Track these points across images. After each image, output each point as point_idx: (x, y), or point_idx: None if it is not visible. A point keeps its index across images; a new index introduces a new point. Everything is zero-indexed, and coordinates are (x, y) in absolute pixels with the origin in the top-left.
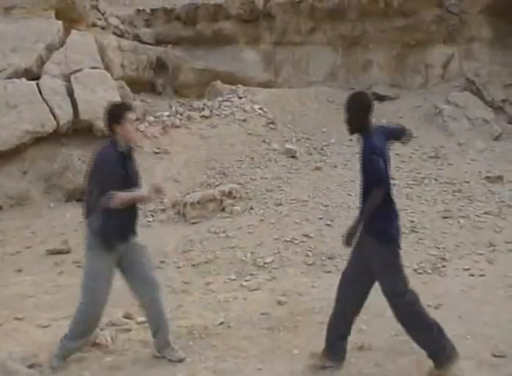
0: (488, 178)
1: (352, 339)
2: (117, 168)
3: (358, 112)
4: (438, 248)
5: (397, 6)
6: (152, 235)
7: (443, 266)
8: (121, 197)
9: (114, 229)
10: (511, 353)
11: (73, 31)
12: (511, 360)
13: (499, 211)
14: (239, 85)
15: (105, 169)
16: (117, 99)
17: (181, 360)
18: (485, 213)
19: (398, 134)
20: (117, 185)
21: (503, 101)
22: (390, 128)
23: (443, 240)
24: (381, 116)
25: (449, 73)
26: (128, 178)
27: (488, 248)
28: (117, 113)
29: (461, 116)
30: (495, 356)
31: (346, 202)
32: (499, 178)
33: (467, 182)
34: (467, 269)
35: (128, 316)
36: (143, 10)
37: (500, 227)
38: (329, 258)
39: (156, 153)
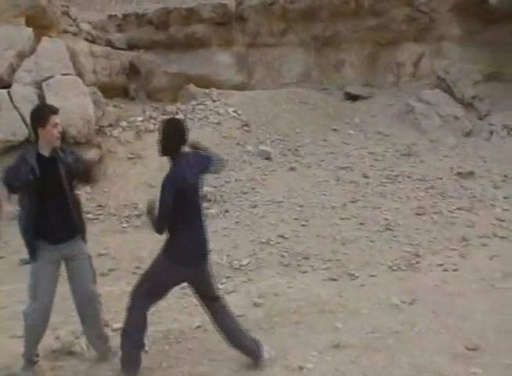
0: (460, 174)
1: (328, 338)
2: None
3: (167, 137)
4: (412, 245)
5: (368, 6)
6: (127, 241)
7: (417, 262)
8: None
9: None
10: (484, 346)
11: (44, 38)
12: (484, 352)
13: (471, 206)
14: (213, 88)
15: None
16: (90, 105)
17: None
18: (458, 209)
19: (208, 166)
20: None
21: (473, 98)
22: (203, 161)
23: (417, 237)
24: (354, 115)
25: (420, 71)
26: (41, 181)
27: (461, 243)
28: (40, 115)
29: (432, 113)
30: (469, 348)
31: (321, 202)
32: (471, 173)
33: (440, 178)
34: (441, 265)
35: (103, 324)
36: (115, 15)
37: (473, 222)
38: (305, 258)
39: (130, 158)
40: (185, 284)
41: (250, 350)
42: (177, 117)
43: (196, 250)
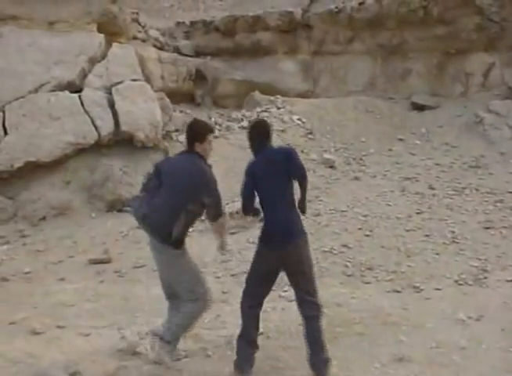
0: None
1: (392, 350)
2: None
3: (249, 135)
4: (480, 259)
5: (436, 14)
6: (191, 245)
7: (485, 277)
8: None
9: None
10: None
11: (115, 44)
12: None
13: None
14: (278, 96)
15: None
16: (158, 110)
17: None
18: None
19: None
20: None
21: None
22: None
23: (484, 251)
24: (421, 125)
25: (490, 81)
26: None
27: None
28: (200, 131)
29: (502, 125)
30: None
31: (385, 212)
32: None
33: (509, 192)
34: (510, 281)
35: None
36: (183, 22)
37: None
38: (369, 268)
39: None
40: None
41: (313, 366)
42: (260, 119)
43: (278, 233)
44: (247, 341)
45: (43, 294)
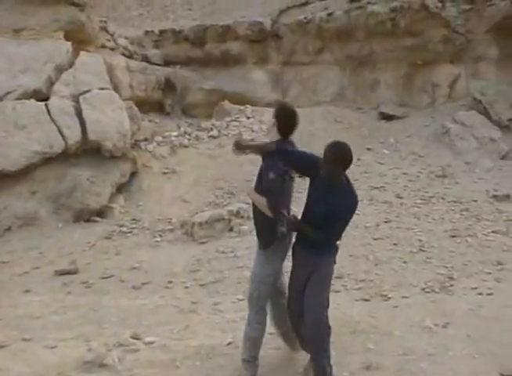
0: (495, 196)
1: (360, 359)
2: None
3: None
4: (446, 267)
5: (404, 26)
6: (160, 255)
7: (451, 285)
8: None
9: None
10: None
11: (82, 52)
12: None
13: (507, 229)
14: (248, 105)
15: None
16: (126, 119)
17: None
18: (493, 232)
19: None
20: None
21: (510, 120)
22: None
23: (451, 259)
24: (389, 135)
25: (456, 92)
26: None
27: (496, 267)
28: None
29: (468, 135)
30: (503, 375)
31: (353, 221)
32: (507, 196)
33: (475, 200)
34: (475, 288)
35: (135, 337)
36: (152, 31)
37: (508, 246)
38: (338, 277)
39: (165, 173)
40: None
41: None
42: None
43: None
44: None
45: (8, 307)
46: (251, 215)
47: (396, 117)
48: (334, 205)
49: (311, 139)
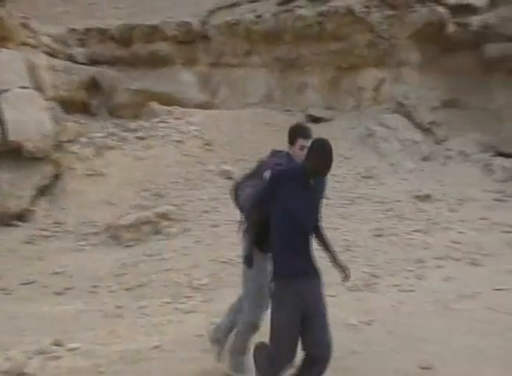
0: (417, 197)
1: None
2: None
3: None
4: (371, 266)
5: (330, 30)
6: (84, 259)
7: (375, 283)
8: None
9: None
10: (437, 365)
11: (2, 49)
12: (437, 372)
13: (428, 228)
14: (176, 106)
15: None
16: (47, 119)
17: None
18: (415, 231)
19: None
20: None
21: (431, 123)
22: None
23: (375, 258)
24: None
25: (381, 96)
26: None
27: (418, 265)
28: (292, 133)
29: (392, 137)
30: (423, 368)
31: None
32: (428, 197)
33: (398, 201)
34: (398, 285)
35: (57, 343)
36: (77, 29)
37: (429, 244)
38: None
39: (90, 175)
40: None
41: None
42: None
43: None
44: None
45: None
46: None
47: (323, 120)
48: (316, 194)
49: (239, 140)
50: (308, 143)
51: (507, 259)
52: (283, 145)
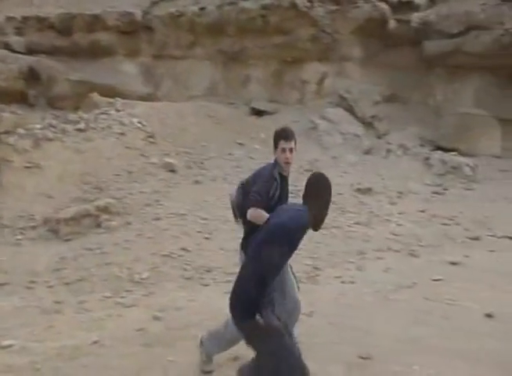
0: (359, 190)
1: (228, 350)
2: (272, 184)
3: None
4: (313, 258)
5: (274, 24)
6: (21, 254)
7: (317, 275)
8: (262, 216)
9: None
10: (376, 355)
11: None
12: (376, 361)
13: (369, 221)
14: (118, 98)
15: (260, 180)
16: None
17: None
18: (356, 223)
19: None
20: (265, 200)
21: (373, 117)
22: None
23: (317, 250)
24: (260, 130)
25: (324, 89)
26: (277, 200)
27: (358, 256)
28: (274, 138)
29: (334, 131)
30: (362, 357)
31: (225, 215)
32: (369, 189)
33: (340, 193)
34: (339, 277)
35: None
36: (14, 17)
37: (369, 236)
38: (207, 271)
39: (28, 167)
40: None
41: None
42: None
43: None
44: None
45: None
46: (120, 211)
47: (267, 113)
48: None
49: (182, 133)
50: (289, 145)
51: (444, 250)
52: (225, 137)
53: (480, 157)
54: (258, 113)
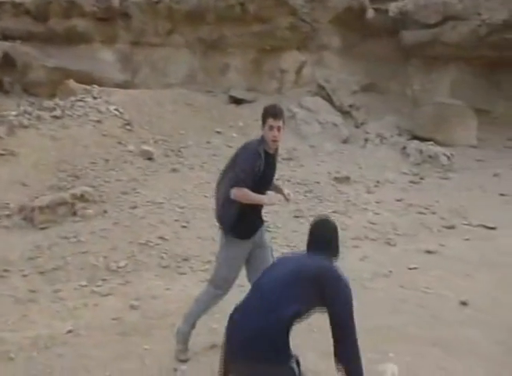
0: (336, 178)
1: (204, 339)
2: (256, 160)
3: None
4: (290, 246)
5: (253, 12)
6: None
7: None
8: (247, 195)
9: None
10: None
11: None
12: None
13: (346, 209)
14: (94, 85)
15: (244, 157)
16: None
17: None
18: (334, 212)
19: None
20: (250, 177)
21: (351, 106)
22: None
23: (294, 239)
24: (238, 119)
25: (302, 78)
26: (262, 176)
27: None
28: (263, 114)
29: (312, 120)
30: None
31: (203, 204)
32: (347, 178)
33: (318, 182)
34: None
35: None
36: None
37: (346, 225)
38: (185, 259)
39: (2, 154)
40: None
41: None
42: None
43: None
44: None
45: None
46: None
47: (245, 101)
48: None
49: (160, 121)
50: (277, 124)
51: (420, 239)
52: (203, 126)
53: (456, 146)
54: (237, 101)
